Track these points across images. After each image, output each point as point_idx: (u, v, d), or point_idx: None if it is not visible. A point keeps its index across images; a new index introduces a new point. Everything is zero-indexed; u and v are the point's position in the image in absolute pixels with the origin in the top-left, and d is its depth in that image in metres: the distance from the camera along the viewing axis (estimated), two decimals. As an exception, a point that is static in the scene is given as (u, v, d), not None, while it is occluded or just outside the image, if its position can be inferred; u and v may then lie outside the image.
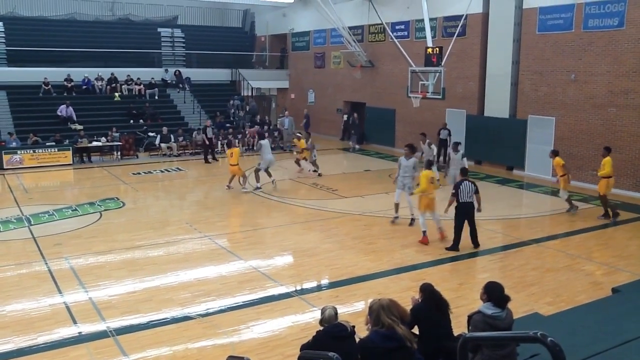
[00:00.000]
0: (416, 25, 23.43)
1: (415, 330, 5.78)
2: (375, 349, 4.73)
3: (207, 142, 22.72)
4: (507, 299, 5.48)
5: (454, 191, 11.48)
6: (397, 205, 13.55)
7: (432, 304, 5.97)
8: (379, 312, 4.83)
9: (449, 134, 21.30)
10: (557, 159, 14.82)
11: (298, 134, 21.21)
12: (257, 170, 17.45)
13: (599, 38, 17.25)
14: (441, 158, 20.59)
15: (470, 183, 11.46)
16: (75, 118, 24.42)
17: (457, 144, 16.43)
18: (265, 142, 18.08)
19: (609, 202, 14.28)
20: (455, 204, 11.45)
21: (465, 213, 11.39)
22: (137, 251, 11.52)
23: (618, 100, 16.94)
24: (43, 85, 25.64)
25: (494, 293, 5.47)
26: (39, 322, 8.16)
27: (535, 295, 9.22)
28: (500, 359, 5.11)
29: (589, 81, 17.66)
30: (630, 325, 6.64)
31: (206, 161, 22.40)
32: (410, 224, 13.23)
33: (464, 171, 11.98)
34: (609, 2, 16.81)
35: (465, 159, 15.38)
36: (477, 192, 11.45)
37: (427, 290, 6.07)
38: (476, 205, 11.47)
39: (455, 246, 11.47)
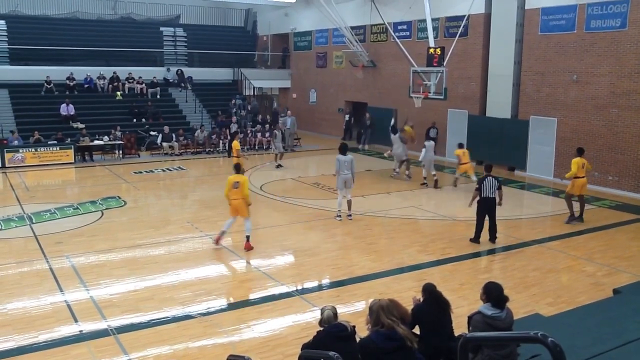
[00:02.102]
0: (418, 25, 23.42)
1: (416, 330, 5.79)
2: (375, 349, 4.73)
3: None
4: (505, 299, 5.49)
5: (477, 186, 11.90)
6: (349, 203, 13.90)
7: (434, 304, 5.98)
8: (379, 312, 4.84)
9: (437, 133, 21.78)
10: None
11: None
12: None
13: (601, 39, 17.23)
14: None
15: (493, 179, 11.84)
16: (72, 114, 24.41)
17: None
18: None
19: (574, 204, 13.84)
20: (478, 198, 11.89)
21: (487, 208, 11.84)
22: (138, 250, 11.53)
23: (620, 101, 16.92)
24: (45, 84, 25.67)
25: (493, 293, 5.49)
26: (40, 320, 8.18)
27: (536, 296, 9.21)
28: (500, 359, 5.11)
29: (591, 82, 17.65)
30: (631, 327, 6.63)
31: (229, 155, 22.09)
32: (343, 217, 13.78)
33: (488, 167, 12.27)
34: (611, 3, 16.79)
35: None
36: (500, 187, 11.92)
37: (428, 291, 6.08)
38: (497, 200, 11.93)
39: (476, 238, 11.96)
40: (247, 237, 11.55)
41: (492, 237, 12.04)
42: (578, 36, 17.82)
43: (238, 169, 11.95)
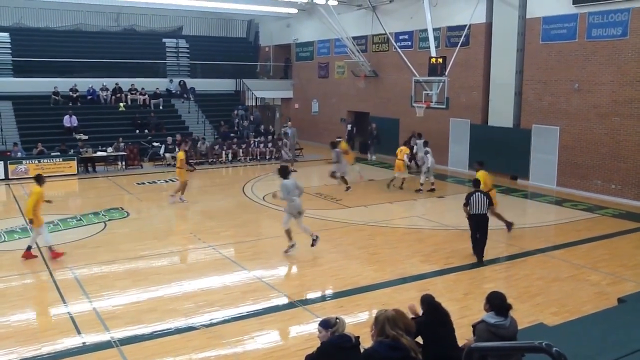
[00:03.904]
0: (420, 35, 23.50)
1: (420, 338, 5.77)
2: (380, 359, 4.71)
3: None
4: (508, 307, 5.49)
5: (465, 202, 11.44)
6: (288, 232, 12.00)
7: (433, 315, 5.96)
8: (384, 323, 4.83)
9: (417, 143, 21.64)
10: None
11: None
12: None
13: (602, 47, 17.26)
14: (412, 162, 20.39)
15: (482, 194, 11.37)
16: (75, 126, 24.49)
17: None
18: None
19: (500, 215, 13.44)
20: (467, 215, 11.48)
21: (477, 225, 11.40)
22: (141, 261, 11.52)
23: (622, 110, 16.93)
24: (53, 95, 25.77)
25: (495, 302, 5.49)
26: (43, 332, 8.17)
27: (541, 306, 9.17)
28: (505, 370, 5.10)
29: (592, 90, 17.66)
30: (636, 336, 6.60)
31: None
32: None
33: (475, 183, 11.88)
34: (612, 11, 16.84)
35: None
36: (491, 204, 11.45)
37: (427, 302, 6.06)
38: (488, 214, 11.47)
39: (476, 255, 11.46)
40: (29, 247, 11.57)
41: (480, 254, 11.47)
42: (579, 45, 17.85)
43: (38, 179, 11.87)
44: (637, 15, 16.28)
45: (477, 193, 11.38)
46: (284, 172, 11.89)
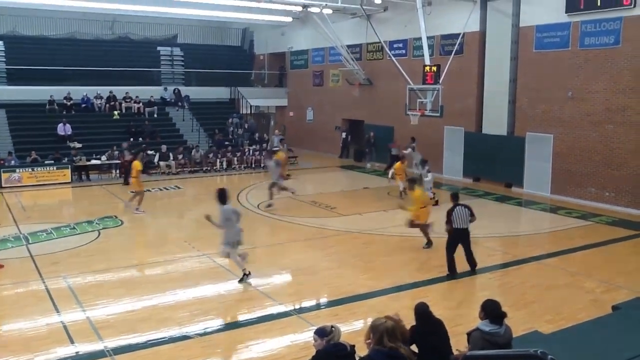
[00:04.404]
0: (414, 43, 23.59)
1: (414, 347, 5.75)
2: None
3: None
4: (503, 314, 5.48)
5: (447, 219, 10.95)
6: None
7: (426, 324, 5.95)
8: (383, 334, 4.83)
9: (399, 151, 21.82)
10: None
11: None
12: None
13: (595, 56, 17.37)
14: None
15: (463, 207, 10.93)
16: (69, 134, 24.43)
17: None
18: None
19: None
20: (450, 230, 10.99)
21: (459, 239, 10.95)
22: (135, 270, 11.48)
23: (615, 118, 17.02)
24: (48, 103, 25.70)
25: (490, 310, 5.48)
26: (36, 341, 8.10)
27: (535, 313, 9.18)
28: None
29: (586, 99, 17.76)
30: (631, 343, 6.61)
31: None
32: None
33: (454, 196, 11.42)
34: (604, 20, 16.97)
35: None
36: (472, 215, 10.91)
37: (418, 312, 6.05)
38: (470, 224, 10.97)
39: (452, 272, 10.99)
40: None
41: (472, 267, 11.18)
42: (572, 53, 17.97)
43: None
44: (629, 23, 16.41)
45: (458, 207, 10.96)
46: (222, 197, 10.62)
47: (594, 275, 11.14)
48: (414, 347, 5.69)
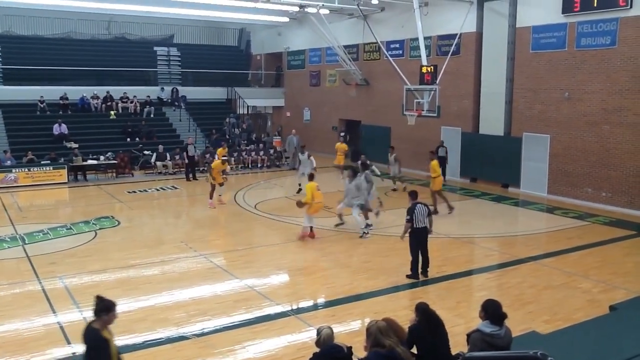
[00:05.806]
0: (411, 43, 23.61)
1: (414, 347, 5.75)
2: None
3: (188, 161, 22.32)
4: (504, 316, 5.47)
5: (408, 217, 10.74)
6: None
7: (426, 323, 5.93)
8: (377, 334, 4.83)
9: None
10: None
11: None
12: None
13: (591, 56, 17.41)
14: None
15: (422, 205, 10.82)
16: (65, 134, 24.38)
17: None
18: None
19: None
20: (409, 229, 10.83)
21: (420, 238, 10.81)
22: (132, 270, 11.44)
23: (611, 118, 17.05)
24: (39, 103, 25.65)
25: (491, 310, 5.46)
26: (33, 342, 8.07)
27: (533, 314, 9.18)
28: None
29: (582, 99, 17.79)
30: (628, 343, 6.62)
31: (187, 179, 22.12)
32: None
33: (413, 194, 11.20)
34: (601, 21, 17.00)
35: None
36: (429, 214, 10.81)
37: (421, 310, 6.03)
38: (428, 227, 10.87)
39: (415, 274, 10.81)
40: None
41: (425, 271, 10.92)
42: (569, 54, 18.00)
43: None
44: (626, 24, 16.45)
45: (418, 205, 10.79)
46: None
47: (591, 276, 11.16)
48: (413, 349, 5.69)
